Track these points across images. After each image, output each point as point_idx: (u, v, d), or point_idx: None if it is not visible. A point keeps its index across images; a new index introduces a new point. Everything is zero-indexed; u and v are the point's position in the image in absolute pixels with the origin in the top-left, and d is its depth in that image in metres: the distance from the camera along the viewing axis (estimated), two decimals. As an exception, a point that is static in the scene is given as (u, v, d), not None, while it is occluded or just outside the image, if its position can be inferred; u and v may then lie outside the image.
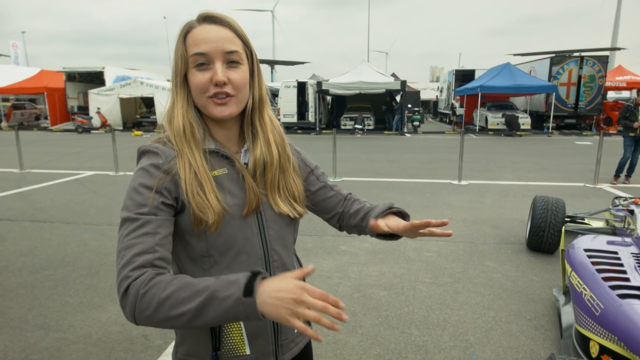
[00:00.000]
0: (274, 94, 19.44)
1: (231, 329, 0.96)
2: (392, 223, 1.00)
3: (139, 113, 23.38)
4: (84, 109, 22.29)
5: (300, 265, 1.11)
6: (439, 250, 4.28)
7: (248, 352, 0.97)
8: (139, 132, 19.03)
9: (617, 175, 7.86)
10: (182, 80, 0.94)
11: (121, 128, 19.93)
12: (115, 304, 3.14)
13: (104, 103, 20.78)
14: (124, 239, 0.84)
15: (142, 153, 0.95)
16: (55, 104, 22.59)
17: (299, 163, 1.10)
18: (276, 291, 0.73)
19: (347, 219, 1.14)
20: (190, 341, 0.98)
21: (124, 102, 21.27)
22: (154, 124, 21.26)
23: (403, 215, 1.06)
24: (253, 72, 0.98)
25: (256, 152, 0.98)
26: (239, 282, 0.75)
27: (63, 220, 5.39)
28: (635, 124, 7.36)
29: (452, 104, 19.92)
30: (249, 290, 0.73)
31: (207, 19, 0.92)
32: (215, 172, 0.94)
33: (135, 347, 2.59)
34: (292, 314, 0.71)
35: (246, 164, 0.99)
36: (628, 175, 7.85)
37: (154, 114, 21.05)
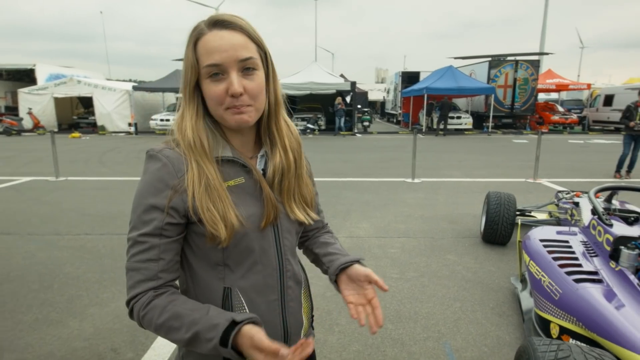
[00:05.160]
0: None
1: None
2: (352, 273, 1.01)
3: (75, 114, 21.92)
4: (12, 110, 20.54)
5: (305, 273, 1.10)
6: (402, 247, 4.43)
7: None
8: (77, 134, 17.89)
9: (618, 171, 8.50)
10: (192, 90, 0.90)
11: (56, 130, 18.59)
12: (75, 318, 2.95)
13: (36, 103, 19.28)
14: (130, 258, 0.88)
15: (149, 157, 0.91)
16: (-21, 104, 20.62)
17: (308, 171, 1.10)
18: (251, 349, 0.79)
19: (313, 244, 1.15)
20: (197, 353, 0.95)
21: (59, 102, 19.88)
22: (93, 125, 20.06)
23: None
24: (268, 75, 0.94)
25: (275, 160, 0.96)
26: (218, 329, 0.81)
27: (2, 230, 4.95)
28: (631, 124, 8.03)
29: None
30: (224, 341, 0.79)
31: (218, 23, 0.87)
32: (230, 182, 0.91)
33: (105, 362, 2.45)
34: None
35: (263, 170, 0.97)
36: (629, 171, 8.46)
37: (93, 114, 19.84)
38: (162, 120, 18.45)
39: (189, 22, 0.92)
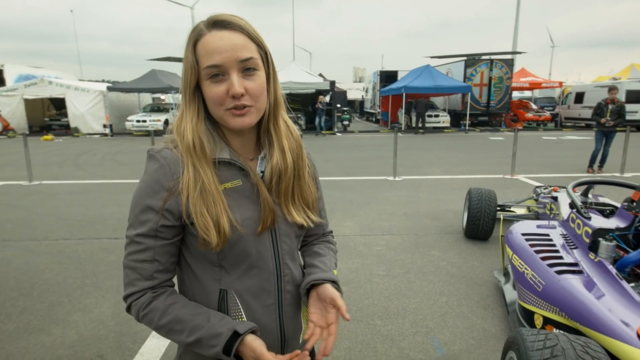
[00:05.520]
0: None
1: None
2: (321, 292, 0.97)
3: (47, 115, 21.24)
4: (-21, 112, 19.73)
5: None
6: (387, 244, 4.48)
7: None
8: (50, 137, 17.30)
9: (590, 166, 8.77)
10: (192, 91, 0.89)
11: (27, 132, 17.96)
12: (58, 325, 2.87)
13: (5, 105, 18.62)
14: (127, 256, 0.90)
15: (149, 157, 0.91)
16: (-57, 107, 19.72)
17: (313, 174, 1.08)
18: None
19: (305, 251, 1.13)
20: (194, 353, 0.95)
21: (29, 104, 19.22)
22: (66, 127, 19.48)
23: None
24: (269, 75, 0.92)
25: (272, 161, 0.94)
26: (221, 338, 0.85)
27: (-25, 238, 4.76)
28: (602, 120, 8.34)
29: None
30: (228, 350, 0.85)
31: (217, 24, 0.86)
32: (227, 185, 0.91)
33: (91, 369, 2.40)
34: None
35: (262, 172, 0.96)
36: (601, 166, 8.73)
37: (66, 116, 19.26)
38: (138, 121, 18.06)
39: (163, 21, 0.82)
